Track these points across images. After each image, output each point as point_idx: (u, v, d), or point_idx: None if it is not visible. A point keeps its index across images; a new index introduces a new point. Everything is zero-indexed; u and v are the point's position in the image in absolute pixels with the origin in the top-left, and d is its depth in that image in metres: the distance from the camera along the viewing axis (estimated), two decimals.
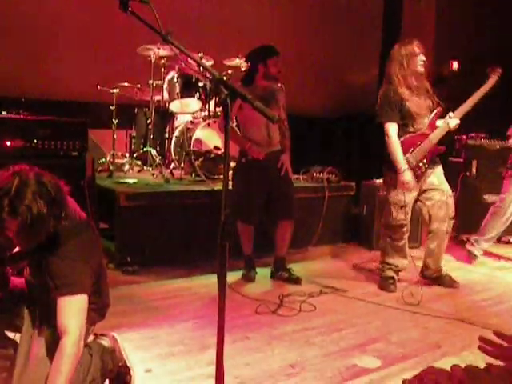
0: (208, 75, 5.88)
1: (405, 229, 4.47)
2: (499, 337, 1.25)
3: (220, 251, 1.69)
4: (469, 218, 6.34)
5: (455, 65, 8.95)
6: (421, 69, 4.30)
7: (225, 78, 1.70)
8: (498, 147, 6.23)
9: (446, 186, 4.49)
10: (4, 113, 4.35)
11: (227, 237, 1.68)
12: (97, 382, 2.50)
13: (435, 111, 4.39)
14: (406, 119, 4.32)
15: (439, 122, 4.41)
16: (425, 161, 4.34)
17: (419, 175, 4.34)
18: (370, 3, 8.61)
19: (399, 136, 4.32)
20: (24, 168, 2.17)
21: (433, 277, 4.65)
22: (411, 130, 4.35)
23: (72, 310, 2.21)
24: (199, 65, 1.69)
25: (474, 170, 6.30)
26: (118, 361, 2.64)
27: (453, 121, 4.38)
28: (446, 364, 3.01)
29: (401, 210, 4.37)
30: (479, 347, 1.30)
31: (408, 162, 4.28)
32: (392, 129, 4.31)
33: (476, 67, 8.70)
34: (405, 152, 4.30)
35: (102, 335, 2.69)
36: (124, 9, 1.85)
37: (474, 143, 6.35)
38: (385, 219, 4.56)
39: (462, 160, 6.38)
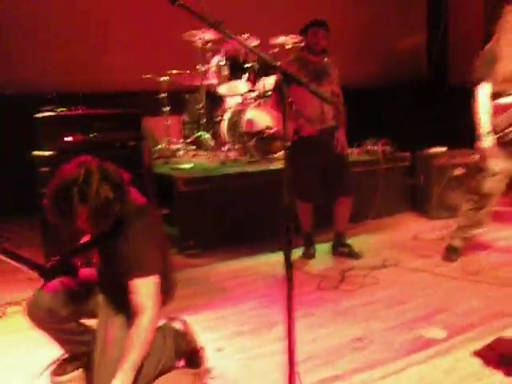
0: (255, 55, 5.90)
1: (491, 199, 4.18)
2: None
3: (285, 233, 1.74)
4: None
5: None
6: None
7: (279, 64, 1.73)
8: None
9: None
10: (62, 109, 4.48)
11: (291, 219, 1.72)
12: (171, 363, 2.61)
13: None
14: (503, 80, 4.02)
15: None
16: None
17: (508, 142, 3.99)
18: None
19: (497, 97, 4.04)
20: (87, 159, 2.29)
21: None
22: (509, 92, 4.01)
23: (146, 290, 2.32)
24: (254, 52, 1.70)
25: None
26: (190, 342, 2.75)
27: None
28: (511, 332, 3.00)
29: (491, 178, 4.09)
30: None
31: (493, 126, 4.01)
32: (481, 89, 4.11)
33: None
34: (494, 114, 4.02)
35: (173, 319, 2.80)
36: (172, 2, 1.89)
37: None
38: (474, 185, 4.29)
39: None
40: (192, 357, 2.77)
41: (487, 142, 4.00)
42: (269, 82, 5.83)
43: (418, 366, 2.81)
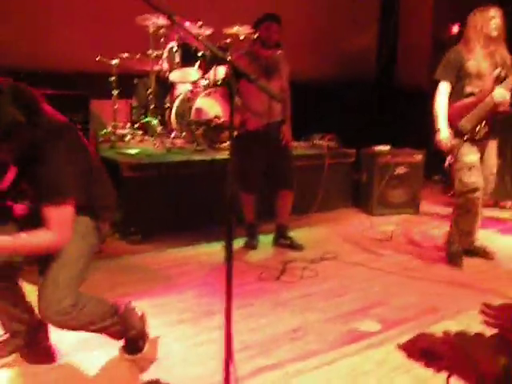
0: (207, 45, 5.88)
1: (477, 194, 4.21)
2: (488, 308, 1.32)
3: (226, 224, 1.76)
4: None
5: (455, 29, 8.90)
6: (493, 32, 4.09)
7: (228, 57, 1.75)
8: None
9: (492, 161, 4.38)
10: None
11: (233, 211, 1.75)
12: (118, 330, 2.63)
13: (495, 73, 4.05)
14: (464, 79, 4.12)
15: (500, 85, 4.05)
16: (483, 125, 4.11)
17: (478, 140, 4.16)
18: None
19: (457, 97, 4.16)
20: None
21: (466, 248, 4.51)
22: (469, 91, 4.12)
23: (57, 217, 2.22)
24: (203, 44, 1.70)
25: None
26: (143, 324, 2.77)
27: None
28: (442, 327, 3.14)
29: (469, 171, 4.17)
30: (481, 311, 1.37)
31: (462, 126, 4.10)
32: (442, 87, 4.19)
33: None
34: (459, 115, 4.12)
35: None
36: None
37: None
38: (456, 189, 4.35)
39: None
40: (135, 341, 2.77)
41: (441, 134, 4.18)
42: (220, 71, 5.83)
43: (350, 357, 2.90)
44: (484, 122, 4.11)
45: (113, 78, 5.91)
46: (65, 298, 2.32)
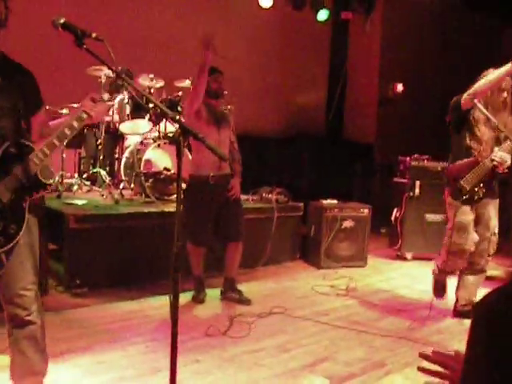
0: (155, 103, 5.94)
1: (467, 257, 4.25)
2: (437, 356, 1.33)
3: (172, 282, 1.75)
4: (412, 236, 6.59)
5: (399, 87, 9.28)
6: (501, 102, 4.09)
7: (178, 117, 1.77)
8: (439, 169, 6.51)
9: (493, 222, 4.28)
10: None
11: (179, 268, 1.74)
12: None
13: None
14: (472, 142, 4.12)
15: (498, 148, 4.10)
16: (481, 185, 4.09)
17: (476, 201, 4.14)
18: (318, 28, 8.83)
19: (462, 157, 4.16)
20: None
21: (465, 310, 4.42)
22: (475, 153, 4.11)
23: None
24: (152, 103, 1.72)
25: (417, 191, 6.53)
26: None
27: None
28: (389, 381, 3.14)
29: (458, 233, 4.17)
30: (418, 368, 1.37)
31: (461, 187, 4.07)
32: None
33: (419, 89, 9.10)
34: (458, 175, 4.12)
35: None
36: (79, 45, 1.90)
37: (417, 164, 6.59)
38: (445, 244, 4.33)
39: (405, 181, 6.61)
40: None
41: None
42: (171, 123, 5.87)
43: None
44: (482, 183, 4.09)
45: None
46: None
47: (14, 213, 2.36)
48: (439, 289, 4.48)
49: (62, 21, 2.01)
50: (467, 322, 4.15)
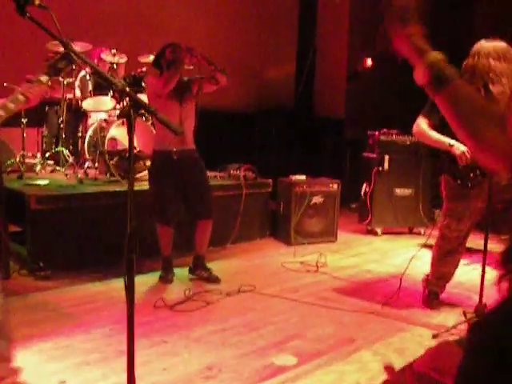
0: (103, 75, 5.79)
1: (462, 240, 4.01)
2: (388, 371, 1.28)
3: (127, 264, 1.67)
4: (382, 211, 6.59)
5: (369, 61, 9.21)
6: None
7: (127, 89, 1.67)
8: (408, 143, 6.50)
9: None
10: None
11: (134, 250, 1.66)
12: None
13: None
14: None
15: None
16: (478, 172, 3.78)
17: (474, 185, 3.81)
18: (286, 0, 8.70)
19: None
20: None
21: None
22: None
23: None
24: (100, 75, 1.63)
25: (386, 165, 6.52)
26: None
27: None
28: (358, 357, 3.12)
29: (458, 221, 3.90)
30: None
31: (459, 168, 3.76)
32: (421, 121, 3.85)
33: (388, 64, 9.05)
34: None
35: None
36: (21, 13, 1.78)
37: (385, 139, 6.56)
38: (442, 230, 4.02)
39: (374, 155, 6.58)
40: None
41: (460, 147, 3.69)
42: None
43: None
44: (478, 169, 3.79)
45: None
46: None
47: None
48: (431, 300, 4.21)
49: None
50: None
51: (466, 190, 3.82)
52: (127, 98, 1.71)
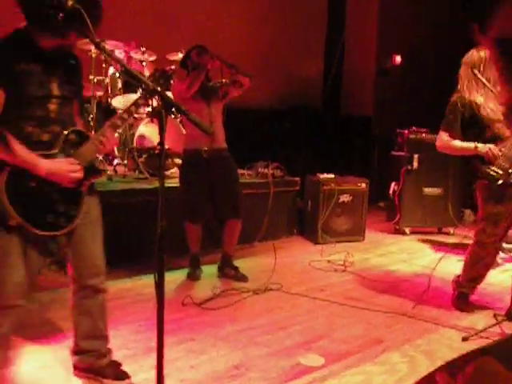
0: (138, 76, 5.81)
1: (497, 245, 3.96)
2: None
3: (157, 263, 1.67)
4: (411, 210, 6.52)
5: (398, 58, 9.13)
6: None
7: (159, 89, 1.67)
8: None
9: None
10: None
11: (164, 249, 1.66)
12: None
13: None
14: (479, 127, 3.81)
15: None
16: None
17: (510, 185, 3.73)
18: None
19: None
20: None
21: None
22: (489, 136, 3.79)
23: None
24: (131, 75, 1.64)
25: (415, 164, 6.45)
26: None
27: None
28: (386, 359, 3.09)
29: (494, 224, 3.80)
30: None
31: (492, 172, 3.70)
32: (442, 135, 3.91)
33: (417, 61, 8.95)
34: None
35: None
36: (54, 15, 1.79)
37: (415, 137, 6.49)
38: (477, 236, 3.92)
39: (404, 154, 6.51)
40: None
41: (484, 147, 3.73)
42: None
43: None
44: None
45: None
46: None
47: (73, 196, 2.47)
48: (461, 301, 4.13)
49: None
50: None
51: (502, 191, 3.74)
52: (157, 97, 1.72)
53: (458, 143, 3.84)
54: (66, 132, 2.39)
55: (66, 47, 2.36)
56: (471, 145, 3.76)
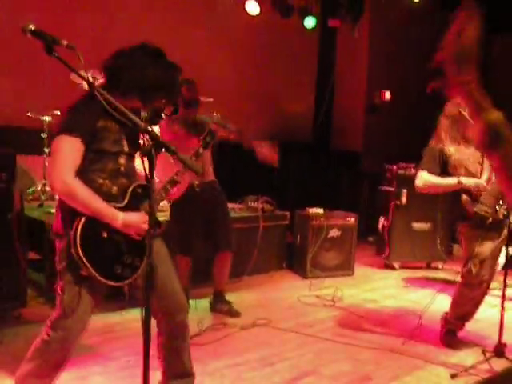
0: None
1: (485, 285, 3.90)
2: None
3: (144, 301, 1.68)
4: (400, 245, 6.54)
5: (387, 94, 9.25)
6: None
7: (150, 129, 1.70)
8: None
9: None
10: None
11: (152, 287, 1.67)
12: None
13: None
14: (455, 170, 3.84)
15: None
16: (501, 203, 3.72)
17: (501, 221, 3.76)
18: (306, 35, 8.80)
19: None
20: None
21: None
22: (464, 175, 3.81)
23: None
24: (124, 115, 1.69)
25: (404, 199, 6.49)
26: None
27: None
28: None
29: (480, 265, 3.78)
30: None
31: (481, 212, 3.74)
32: (422, 173, 3.89)
33: (406, 97, 9.08)
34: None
35: None
36: (49, 53, 1.83)
37: (403, 173, 6.55)
38: (464, 277, 3.90)
39: (392, 189, 6.57)
40: None
41: (470, 180, 3.76)
42: (157, 130, 5.78)
43: None
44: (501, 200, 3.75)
45: (44, 135, 5.76)
46: None
47: (138, 248, 2.51)
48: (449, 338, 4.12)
49: (31, 27, 1.94)
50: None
51: (486, 229, 3.76)
52: (153, 128, 1.77)
53: (439, 179, 3.84)
54: (133, 185, 2.53)
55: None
56: (454, 180, 3.77)
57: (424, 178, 3.88)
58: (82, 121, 2.35)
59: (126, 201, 2.49)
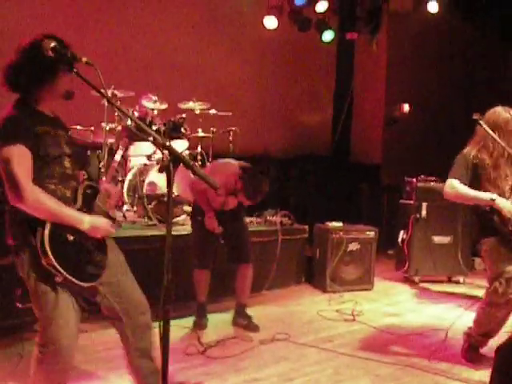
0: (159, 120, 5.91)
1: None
2: None
3: (163, 315, 1.68)
4: (420, 259, 6.48)
5: (406, 107, 9.22)
6: None
7: (168, 144, 1.71)
8: None
9: None
10: None
11: (169, 301, 1.67)
12: None
13: None
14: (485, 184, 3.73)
15: None
16: None
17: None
18: (324, 49, 8.83)
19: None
20: None
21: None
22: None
23: None
24: (142, 130, 1.71)
25: (424, 212, 6.44)
26: None
27: None
28: None
29: (507, 284, 3.61)
30: None
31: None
32: (452, 181, 3.74)
33: (426, 109, 9.04)
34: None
35: None
36: (69, 70, 1.85)
37: (423, 186, 6.50)
38: (489, 296, 3.76)
39: (412, 202, 6.51)
40: None
41: (503, 201, 3.62)
42: (175, 145, 5.82)
43: None
44: None
45: None
46: None
47: (100, 245, 2.58)
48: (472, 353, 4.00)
49: (52, 45, 1.97)
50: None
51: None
52: (171, 143, 1.79)
53: (471, 191, 3.69)
54: (82, 187, 2.55)
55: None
56: (487, 195, 3.64)
57: (455, 188, 3.71)
58: (23, 128, 2.30)
59: (79, 203, 2.49)
